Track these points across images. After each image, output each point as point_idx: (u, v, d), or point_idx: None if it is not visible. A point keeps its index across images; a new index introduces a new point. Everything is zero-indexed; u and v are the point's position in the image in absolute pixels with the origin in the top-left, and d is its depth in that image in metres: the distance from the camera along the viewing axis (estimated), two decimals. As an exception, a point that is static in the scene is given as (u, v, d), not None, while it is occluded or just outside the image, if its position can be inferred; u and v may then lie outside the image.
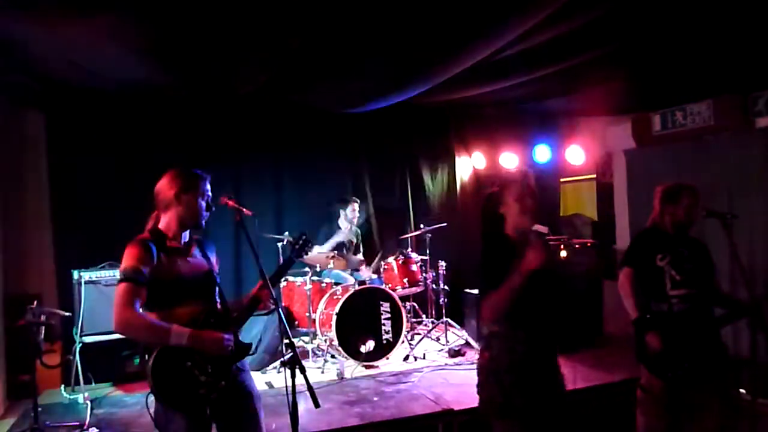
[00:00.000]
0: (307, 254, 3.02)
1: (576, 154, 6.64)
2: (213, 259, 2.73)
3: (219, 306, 2.64)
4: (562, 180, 7.58)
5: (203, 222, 2.60)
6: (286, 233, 5.57)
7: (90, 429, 4.04)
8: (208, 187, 2.63)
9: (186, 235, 2.61)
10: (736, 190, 5.23)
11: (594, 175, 7.16)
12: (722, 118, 5.45)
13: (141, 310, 2.37)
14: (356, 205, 6.25)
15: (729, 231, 3.35)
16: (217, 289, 2.66)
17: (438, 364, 5.34)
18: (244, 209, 2.77)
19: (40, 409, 3.98)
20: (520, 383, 2.51)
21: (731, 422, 3.19)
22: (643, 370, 3.28)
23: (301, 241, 3.02)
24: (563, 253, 5.90)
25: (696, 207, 3.26)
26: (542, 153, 6.78)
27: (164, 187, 2.55)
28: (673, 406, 3.17)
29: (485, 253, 2.75)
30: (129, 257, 2.39)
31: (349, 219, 6.22)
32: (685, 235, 3.32)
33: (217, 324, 2.52)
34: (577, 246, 6.02)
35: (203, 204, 2.58)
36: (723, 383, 3.19)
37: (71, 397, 4.71)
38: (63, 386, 4.91)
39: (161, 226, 2.56)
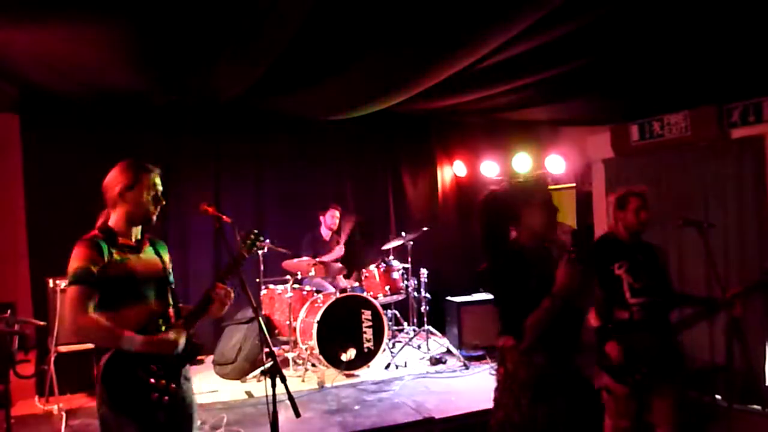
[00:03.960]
0: (254, 250, 2.82)
1: (556, 163, 6.71)
2: (167, 258, 2.64)
3: (171, 308, 2.55)
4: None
5: (153, 217, 2.52)
6: (267, 240, 5.54)
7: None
8: (157, 180, 2.53)
9: (138, 232, 2.52)
10: (713, 199, 5.33)
11: (573, 184, 7.23)
12: (698, 129, 5.55)
13: (94, 313, 2.29)
14: (336, 212, 6.23)
15: (705, 239, 3.42)
16: (169, 289, 2.57)
17: (419, 372, 5.33)
18: (224, 216, 2.75)
19: (13, 420, 3.89)
20: (539, 400, 2.36)
21: (685, 421, 3.28)
22: (605, 375, 3.34)
23: (251, 237, 2.75)
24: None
25: (643, 210, 3.30)
26: (523, 162, 6.83)
27: (110, 183, 2.45)
28: (636, 407, 3.25)
29: (498, 263, 2.52)
30: (78, 257, 2.31)
31: (329, 224, 6.21)
32: (639, 240, 3.38)
33: (167, 328, 2.46)
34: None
35: (149, 200, 2.49)
36: (677, 385, 3.28)
37: (46, 408, 4.60)
38: (37, 397, 4.80)
39: (111, 223, 2.47)
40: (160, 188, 2.54)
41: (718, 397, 4.75)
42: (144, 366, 2.33)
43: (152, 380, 2.33)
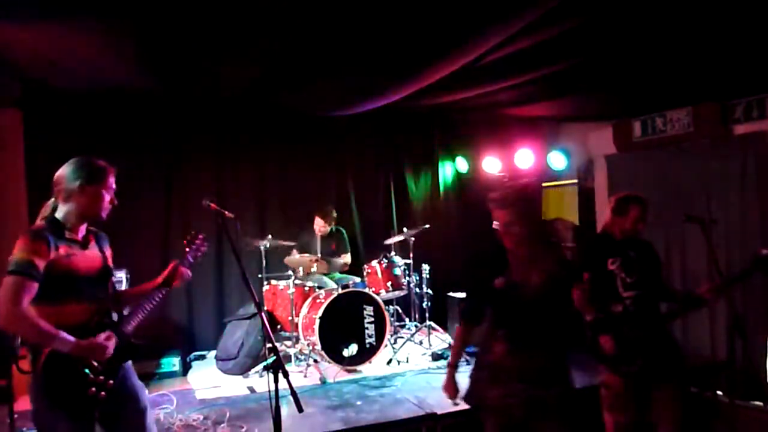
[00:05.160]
0: (198, 257, 2.87)
1: (558, 159, 6.70)
2: (107, 252, 2.64)
3: (111, 303, 2.57)
4: (544, 185, 7.65)
5: (104, 216, 2.53)
6: (269, 236, 5.55)
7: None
8: (113, 180, 2.54)
9: (84, 228, 2.52)
10: (715, 196, 5.33)
11: (576, 180, 7.23)
12: (701, 125, 5.54)
13: (28, 306, 2.25)
14: (320, 220, 6.14)
15: (708, 235, 3.43)
16: (110, 284, 2.59)
17: (421, 368, 5.34)
18: (226, 212, 2.76)
19: (16, 415, 3.90)
20: (494, 383, 2.59)
21: (686, 418, 3.31)
22: (603, 369, 3.40)
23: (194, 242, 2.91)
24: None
25: (643, 219, 3.39)
26: (525, 157, 6.83)
27: (67, 176, 2.44)
28: (634, 400, 3.32)
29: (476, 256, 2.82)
30: (23, 249, 2.27)
31: (318, 229, 6.18)
32: (633, 239, 3.45)
33: (110, 323, 2.49)
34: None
35: (107, 197, 2.50)
36: (676, 380, 3.33)
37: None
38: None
39: (59, 215, 2.45)
40: (115, 188, 2.55)
41: (719, 393, 4.75)
42: (84, 361, 2.34)
43: (91, 376, 2.34)
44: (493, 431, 2.67)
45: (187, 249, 2.87)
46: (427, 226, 6.21)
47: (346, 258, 6.32)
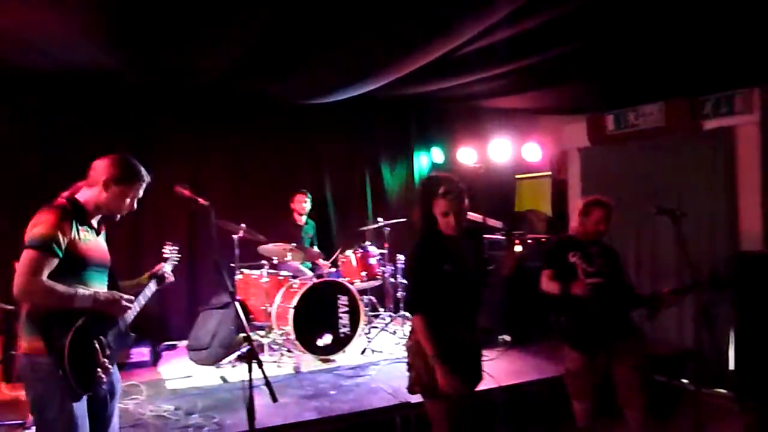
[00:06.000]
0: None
1: (532, 151, 6.76)
2: None
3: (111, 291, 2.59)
4: (517, 176, 7.71)
5: (117, 217, 2.57)
6: (243, 225, 5.48)
7: (32, 427, 3.87)
8: (141, 190, 2.56)
9: (99, 218, 2.55)
10: (685, 189, 5.44)
11: (549, 172, 7.31)
12: (672, 120, 5.65)
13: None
14: (302, 197, 6.17)
15: (678, 227, 3.54)
16: (112, 274, 2.62)
17: (395, 357, 5.35)
18: (200, 199, 2.72)
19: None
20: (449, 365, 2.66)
21: (652, 403, 3.42)
22: (567, 356, 3.54)
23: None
24: (518, 248, 5.99)
25: (603, 222, 3.54)
26: (500, 149, 6.87)
27: (101, 167, 2.47)
28: (597, 381, 3.46)
29: (415, 246, 2.89)
30: (47, 224, 2.28)
31: (298, 210, 6.17)
32: (597, 242, 3.61)
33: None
34: (531, 241, 6.13)
35: (126, 202, 2.52)
36: (639, 363, 3.43)
37: (13, 393, 4.51)
38: (4, 383, 4.70)
39: (80, 197, 2.47)
40: (140, 196, 2.57)
41: (685, 381, 4.88)
42: (99, 342, 2.37)
43: (101, 358, 2.37)
44: (446, 415, 2.72)
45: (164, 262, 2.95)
46: (404, 219, 6.20)
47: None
